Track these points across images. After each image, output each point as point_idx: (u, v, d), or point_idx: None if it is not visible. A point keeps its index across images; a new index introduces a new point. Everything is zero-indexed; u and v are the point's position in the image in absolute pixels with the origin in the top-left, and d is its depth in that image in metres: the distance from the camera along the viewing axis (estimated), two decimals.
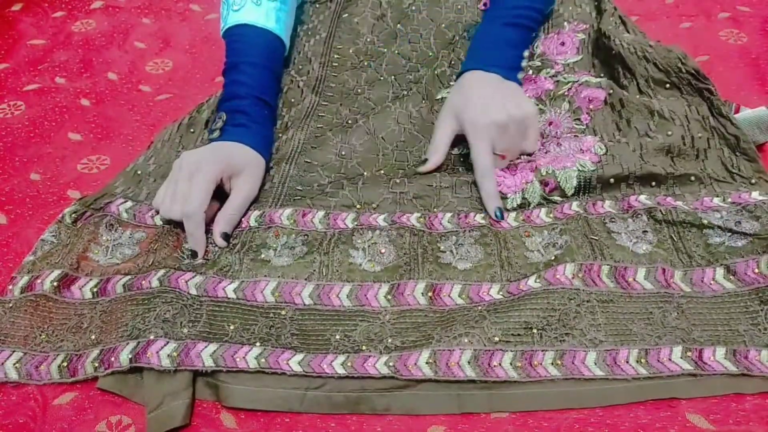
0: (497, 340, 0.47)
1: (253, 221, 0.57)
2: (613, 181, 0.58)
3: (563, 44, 0.72)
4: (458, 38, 0.74)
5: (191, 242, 0.55)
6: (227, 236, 0.56)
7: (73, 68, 0.82)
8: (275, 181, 0.61)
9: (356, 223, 0.57)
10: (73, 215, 0.59)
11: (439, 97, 0.69)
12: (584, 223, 0.55)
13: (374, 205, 0.59)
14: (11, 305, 0.52)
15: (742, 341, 0.46)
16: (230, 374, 0.47)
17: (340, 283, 0.52)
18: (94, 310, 0.51)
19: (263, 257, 0.54)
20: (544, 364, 0.46)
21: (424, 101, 0.68)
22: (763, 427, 0.43)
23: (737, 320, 0.48)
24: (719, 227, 0.53)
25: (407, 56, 0.73)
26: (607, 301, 0.49)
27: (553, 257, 0.53)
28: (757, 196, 0.56)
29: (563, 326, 0.47)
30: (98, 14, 0.92)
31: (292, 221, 0.57)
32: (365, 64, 0.73)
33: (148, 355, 0.47)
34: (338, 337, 0.49)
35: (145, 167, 0.65)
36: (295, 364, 0.47)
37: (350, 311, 0.50)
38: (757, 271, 0.49)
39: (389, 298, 0.51)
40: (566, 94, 0.67)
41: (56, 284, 0.53)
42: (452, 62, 0.72)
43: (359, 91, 0.71)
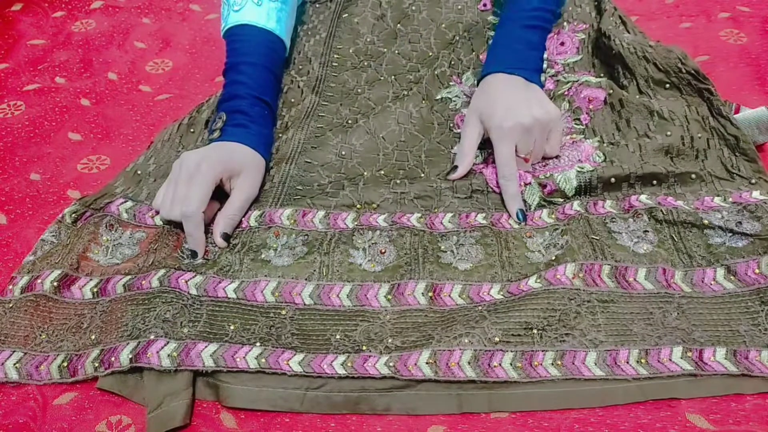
0: (497, 340, 0.47)
1: (253, 221, 0.57)
2: (614, 180, 0.58)
3: (563, 44, 0.72)
4: (458, 38, 0.74)
5: (191, 243, 0.55)
6: (227, 236, 0.56)
7: (73, 68, 0.82)
8: (275, 181, 0.61)
9: (356, 223, 0.57)
10: (73, 215, 0.59)
11: (439, 97, 0.69)
12: (585, 222, 0.55)
13: (374, 205, 0.59)
14: (11, 305, 0.52)
15: (742, 341, 0.46)
16: (230, 374, 0.47)
17: (340, 283, 0.52)
18: (94, 310, 0.51)
19: (263, 257, 0.54)
20: (544, 364, 0.46)
21: (424, 101, 0.68)
22: (763, 427, 0.43)
23: (738, 321, 0.48)
24: (720, 227, 0.53)
25: (407, 56, 0.73)
26: (607, 301, 0.49)
27: (553, 257, 0.53)
28: (758, 195, 0.56)
29: (563, 326, 0.47)
30: (98, 14, 0.92)
31: (292, 221, 0.57)
32: (365, 64, 0.73)
33: (148, 355, 0.47)
34: (338, 337, 0.49)
35: (145, 167, 0.65)
36: (295, 364, 0.47)
37: (350, 311, 0.50)
38: (757, 271, 0.49)
39: (389, 298, 0.51)
40: (566, 94, 0.67)
41: (56, 284, 0.53)
42: (452, 62, 0.72)
43: (359, 91, 0.71)
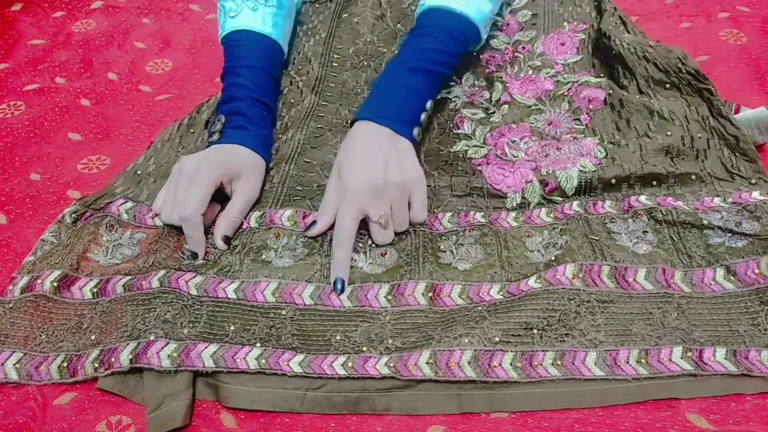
0: (497, 340, 0.47)
1: (253, 222, 0.57)
2: (614, 181, 0.58)
3: (563, 44, 0.72)
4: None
5: (191, 244, 0.55)
6: (228, 239, 0.56)
7: (73, 68, 0.82)
8: (275, 181, 0.61)
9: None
10: (73, 215, 0.59)
11: (438, 97, 0.69)
12: (584, 223, 0.55)
13: None
14: (11, 306, 0.52)
15: (742, 341, 0.46)
16: (230, 375, 0.47)
17: None
18: (94, 310, 0.51)
19: (264, 258, 0.54)
20: (544, 364, 0.46)
21: None
22: (763, 427, 0.43)
23: (737, 321, 0.48)
24: (720, 228, 0.53)
25: None
26: (607, 301, 0.49)
27: (553, 257, 0.53)
28: (757, 196, 0.56)
29: (563, 326, 0.47)
30: (98, 14, 0.92)
31: (292, 222, 0.57)
32: (365, 64, 0.73)
33: (148, 355, 0.47)
34: (339, 337, 0.49)
35: (145, 167, 0.65)
36: (295, 365, 0.47)
37: (351, 312, 0.50)
38: (757, 271, 0.49)
39: (389, 298, 0.51)
40: (566, 94, 0.67)
41: (56, 284, 0.53)
42: None
43: (359, 91, 0.70)
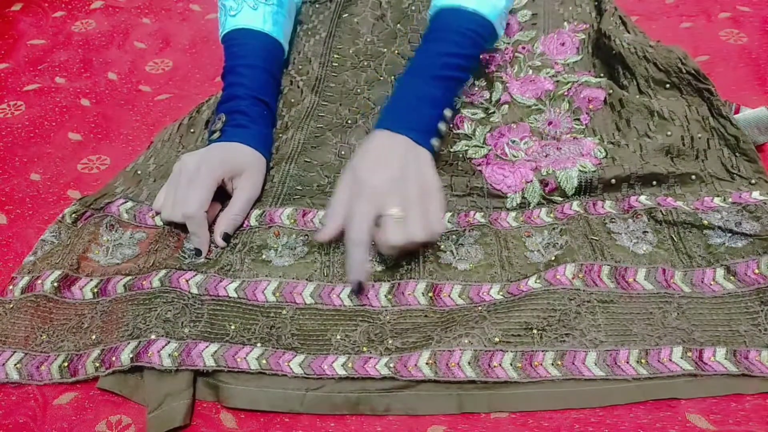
0: (497, 340, 0.47)
1: (253, 221, 0.57)
2: (614, 181, 0.58)
3: (563, 44, 0.72)
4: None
5: (195, 242, 0.55)
6: (228, 237, 0.56)
7: (73, 68, 0.82)
8: (275, 180, 0.61)
9: None
10: (73, 215, 0.59)
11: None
12: (584, 223, 0.55)
13: None
14: (12, 306, 0.52)
15: (742, 342, 0.46)
16: (231, 374, 0.47)
17: (341, 283, 0.52)
18: (94, 310, 0.51)
19: (264, 258, 0.54)
20: (544, 364, 0.46)
21: None
22: (763, 427, 0.43)
23: (737, 321, 0.48)
24: (720, 228, 0.53)
25: (407, 56, 0.73)
26: (607, 301, 0.49)
27: (553, 257, 0.53)
28: (757, 196, 0.56)
29: (563, 327, 0.47)
30: (98, 14, 0.92)
31: (292, 221, 0.57)
32: (365, 64, 0.73)
33: (149, 354, 0.47)
34: (339, 337, 0.49)
35: (145, 167, 0.65)
36: (295, 365, 0.47)
37: (351, 311, 0.50)
38: (757, 271, 0.49)
39: (389, 297, 0.51)
40: (566, 94, 0.67)
41: (56, 285, 0.53)
42: None
43: (359, 91, 0.70)
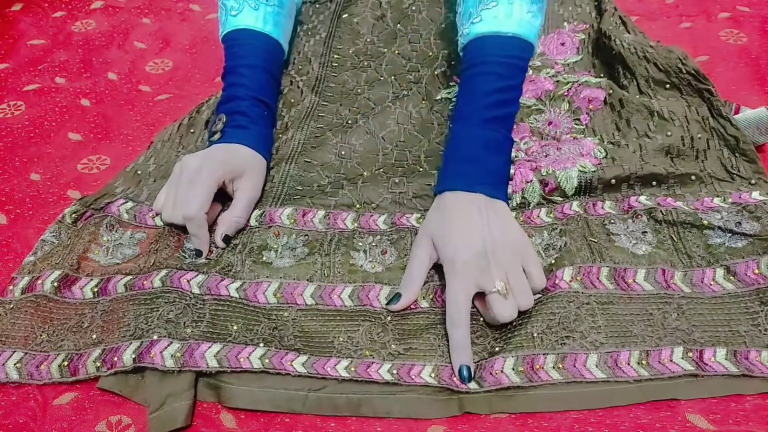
0: (497, 350, 0.47)
1: (253, 221, 0.57)
2: (614, 182, 0.58)
3: (563, 44, 0.72)
4: (458, 38, 0.74)
5: (195, 243, 0.55)
6: (228, 238, 0.56)
7: (73, 68, 0.82)
8: (275, 180, 0.61)
9: (356, 224, 0.57)
10: (73, 215, 0.59)
11: (439, 97, 0.69)
12: (584, 224, 0.55)
13: (374, 204, 0.59)
14: (12, 306, 0.52)
15: (742, 342, 0.46)
16: (233, 375, 0.47)
17: (342, 284, 0.52)
18: (94, 309, 0.51)
19: (264, 259, 0.54)
20: (545, 367, 0.46)
21: (424, 101, 0.68)
22: (763, 427, 0.43)
23: (738, 321, 0.48)
24: (720, 228, 0.53)
25: (407, 56, 0.73)
26: (606, 303, 0.49)
27: (552, 260, 0.52)
28: (757, 196, 0.56)
29: (563, 329, 0.47)
30: (98, 14, 0.92)
31: (292, 221, 0.57)
32: (365, 64, 0.73)
33: (151, 355, 0.47)
34: (341, 339, 0.49)
35: (145, 167, 0.65)
36: (298, 365, 0.47)
37: (352, 311, 0.50)
38: (757, 271, 0.49)
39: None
40: (566, 94, 0.67)
41: (57, 285, 0.53)
42: (452, 62, 0.72)
43: (359, 91, 0.70)
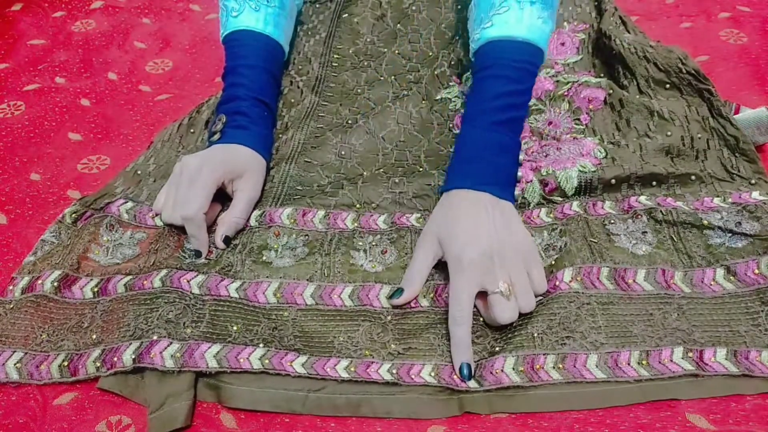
0: (498, 349, 0.47)
1: (253, 221, 0.57)
2: (614, 181, 0.58)
3: (563, 44, 0.72)
4: (458, 38, 0.74)
5: (194, 243, 0.55)
6: (228, 239, 0.55)
7: (73, 68, 0.82)
8: (275, 180, 0.61)
9: (356, 224, 0.57)
10: (73, 215, 0.59)
11: (438, 97, 0.69)
12: (584, 224, 0.55)
13: (374, 204, 0.59)
14: (12, 306, 0.52)
15: (742, 342, 0.46)
16: (233, 375, 0.47)
17: (342, 284, 0.52)
18: (94, 309, 0.51)
19: (265, 259, 0.54)
20: (546, 367, 0.46)
21: (424, 101, 0.68)
22: (763, 427, 0.43)
23: (738, 321, 0.48)
24: (720, 228, 0.53)
25: (407, 56, 0.73)
26: (607, 303, 0.49)
27: (552, 261, 0.52)
28: (757, 196, 0.56)
29: (564, 329, 0.47)
30: (98, 14, 0.92)
31: (292, 221, 0.57)
32: (365, 64, 0.73)
33: (151, 355, 0.47)
34: (341, 339, 0.49)
35: (145, 167, 0.65)
36: (298, 365, 0.47)
37: (352, 311, 0.50)
38: (757, 271, 0.49)
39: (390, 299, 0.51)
40: (566, 94, 0.67)
41: (57, 285, 0.53)
42: (452, 62, 0.72)
43: (359, 91, 0.70)
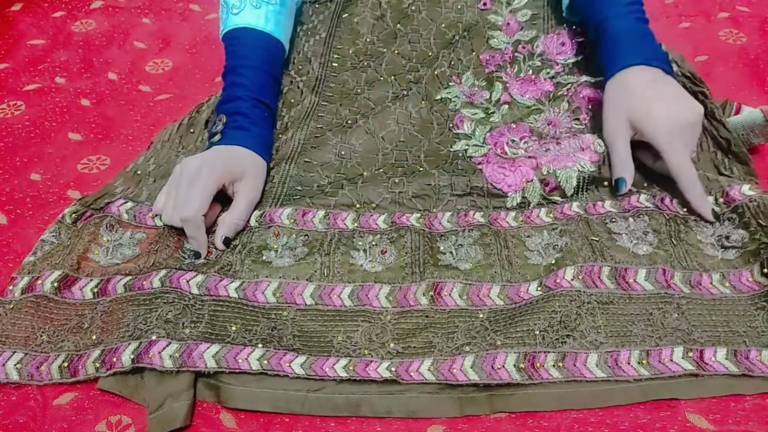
0: (499, 343, 0.47)
1: (253, 221, 0.57)
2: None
3: (563, 44, 0.72)
4: (458, 38, 0.74)
5: (193, 245, 0.55)
6: (228, 240, 0.55)
7: (73, 68, 0.82)
8: (275, 181, 0.61)
9: (356, 224, 0.57)
10: (73, 215, 0.59)
11: (438, 97, 0.69)
12: (584, 224, 0.55)
13: (374, 204, 0.59)
14: (12, 306, 0.52)
15: (742, 341, 0.47)
16: (232, 375, 0.47)
17: (341, 284, 0.52)
18: (94, 310, 0.51)
19: (264, 258, 0.54)
20: (546, 366, 0.46)
21: (423, 101, 0.68)
22: (763, 427, 0.43)
23: (736, 322, 0.48)
24: (711, 245, 0.54)
25: (407, 56, 0.73)
26: (607, 302, 0.49)
27: (553, 260, 0.53)
28: (747, 190, 0.56)
29: (564, 328, 0.47)
30: (98, 14, 0.92)
31: (292, 221, 0.57)
32: (365, 64, 0.73)
33: (150, 355, 0.47)
34: (340, 338, 0.49)
35: (145, 167, 0.65)
36: (297, 366, 0.47)
37: (351, 311, 0.50)
38: (751, 279, 0.50)
39: (390, 299, 0.51)
40: (565, 94, 0.67)
41: (56, 285, 0.53)
42: (452, 62, 0.72)
43: (359, 91, 0.70)
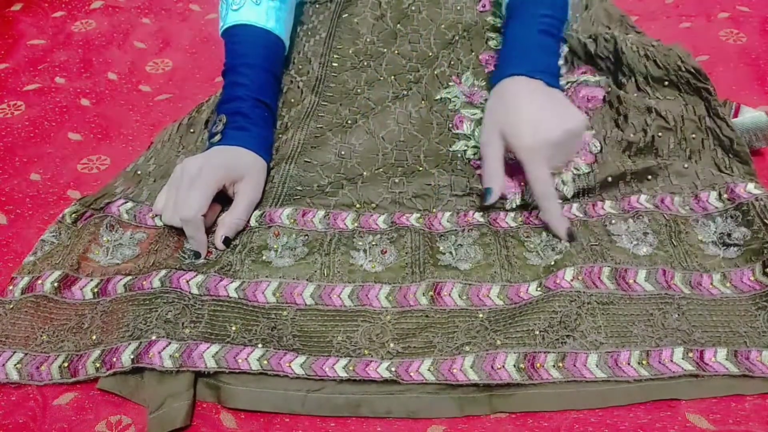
0: (499, 343, 0.47)
1: (253, 221, 0.57)
2: (610, 180, 0.58)
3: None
4: (458, 38, 0.74)
5: (193, 245, 0.55)
6: (228, 241, 0.55)
7: (73, 68, 0.82)
8: (275, 181, 0.61)
9: (356, 224, 0.57)
10: (73, 215, 0.59)
11: (438, 97, 0.69)
12: (584, 228, 0.55)
13: (374, 204, 0.59)
14: (12, 306, 0.52)
15: (742, 342, 0.47)
16: (232, 375, 0.47)
17: (341, 284, 0.52)
18: (94, 310, 0.51)
19: (264, 258, 0.54)
20: (546, 366, 0.46)
21: (423, 101, 0.68)
22: (763, 427, 0.43)
23: (736, 323, 0.48)
24: (713, 243, 0.54)
25: (407, 56, 0.73)
26: (607, 303, 0.49)
27: (552, 262, 0.53)
28: (752, 189, 0.56)
29: (564, 328, 0.47)
30: (98, 14, 0.92)
31: (292, 221, 0.57)
32: (365, 64, 0.73)
33: (150, 355, 0.47)
34: (340, 338, 0.49)
35: (145, 167, 0.65)
36: (297, 366, 0.47)
37: (351, 311, 0.50)
38: (752, 278, 0.50)
39: (390, 299, 0.51)
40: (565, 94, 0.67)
41: (57, 285, 0.53)
42: (452, 62, 0.72)
43: (359, 91, 0.70)
